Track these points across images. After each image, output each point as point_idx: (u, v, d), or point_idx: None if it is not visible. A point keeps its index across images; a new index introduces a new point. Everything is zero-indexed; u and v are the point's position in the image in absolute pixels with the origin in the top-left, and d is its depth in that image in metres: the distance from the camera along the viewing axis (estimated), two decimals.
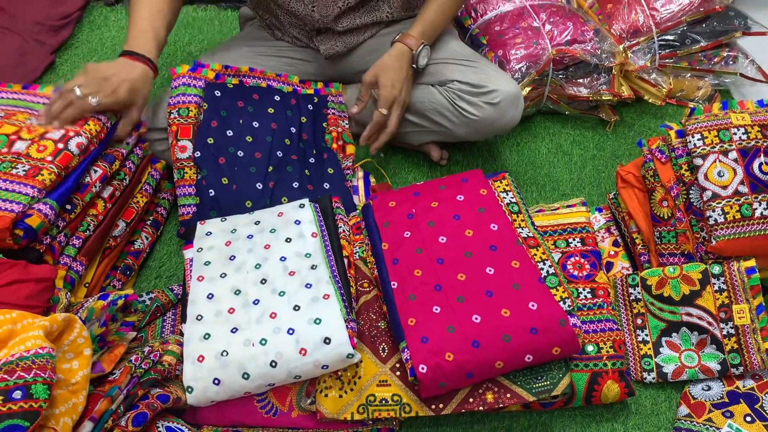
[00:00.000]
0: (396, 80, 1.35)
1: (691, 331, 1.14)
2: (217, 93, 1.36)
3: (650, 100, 1.67)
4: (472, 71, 1.38)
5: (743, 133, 1.13)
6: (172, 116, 1.31)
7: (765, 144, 1.12)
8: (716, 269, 1.12)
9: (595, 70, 1.63)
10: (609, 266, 1.29)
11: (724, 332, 1.11)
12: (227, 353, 1.02)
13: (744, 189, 1.11)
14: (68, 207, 1.09)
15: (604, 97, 1.62)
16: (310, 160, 1.40)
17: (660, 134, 1.24)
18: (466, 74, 1.37)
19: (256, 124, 1.36)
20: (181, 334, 1.08)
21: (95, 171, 1.15)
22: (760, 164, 1.11)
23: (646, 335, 1.16)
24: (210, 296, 1.11)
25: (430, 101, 1.40)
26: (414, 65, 1.38)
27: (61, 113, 1.16)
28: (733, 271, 1.11)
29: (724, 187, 1.12)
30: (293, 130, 1.40)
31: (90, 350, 0.89)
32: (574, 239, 1.26)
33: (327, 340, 1.02)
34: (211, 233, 1.21)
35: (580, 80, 1.64)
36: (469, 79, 1.36)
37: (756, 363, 1.09)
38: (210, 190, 1.28)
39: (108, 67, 1.21)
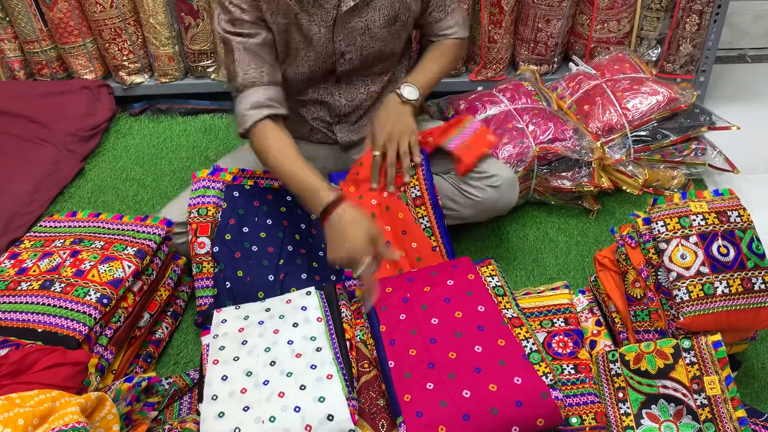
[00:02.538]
0: (385, 120, 1.50)
1: (668, 403, 1.22)
2: (236, 194, 1.52)
3: (628, 190, 1.82)
4: None
5: (702, 220, 1.26)
6: (192, 215, 1.46)
7: (722, 229, 1.25)
8: (686, 344, 1.22)
9: (576, 164, 1.78)
10: (593, 344, 1.39)
11: (698, 403, 1.19)
12: (240, 430, 1.12)
13: (705, 269, 1.23)
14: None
15: (586, 188, 1.76)
16: (318, 254, 1.54)
17: (630, 222, 1.37)
18: None
19: (269, 222, 1.51)
20: (198, 413, 1.18)
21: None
22: (719, 247, 1.24)
23: (628, 408, 1.25)
24: (224, 378, 1.22)
25: (439, 188, 1.54)
26: (402, 100, 1.51)
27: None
28: (702, 345, 1.21)
29: (687, 269, 1.23)
30: (303, 226, 1.55)
31: (118, 426, 1.00)
32: (558, 319, 1.37)
33: (330, 417, 1.12)
34: (226, 320, 1.33)
35: (564, 173, 1.78)
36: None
37: (729, 431, 1.17)
38: (227, 283, 1.41)
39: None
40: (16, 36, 2.20)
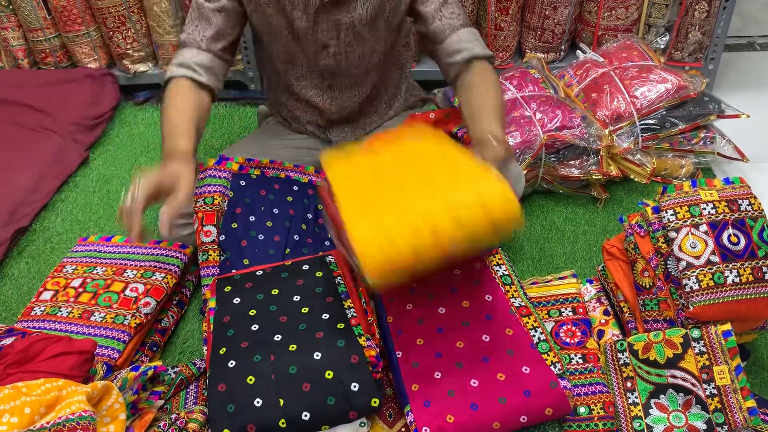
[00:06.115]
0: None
1: (677, 393, 1.21)
2: (242, 183, 1.51)
3: (636, 179, 1.80)
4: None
5: (712, 208, 1.25)
6: (198, 204, 1.45)
7: (732, 217, 1.24)
8: (696, 333, 1.21)
9: (584, 152, 1.76)
10: (601, 334, 1.38)
11: (708, 393, 1.19)
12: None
13: (715, 258, 1.22)
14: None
15: (594, 177, 1.75)
16: (325, 243, 1.53)
17: (639, 210, 1.36)
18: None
19: (276, 211, 1.50)
20: (205, 403, 1.18)
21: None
22: (729, 236, 1.23)
23: (636, 398, 1.24)
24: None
25: None
26: None
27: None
28: (711, 334, 1.20)
29: (697, 257, 1.22)
30: (309, 216, 1.54)
31: (125, 415, 0.99)
32: (565, 309, 1.36)
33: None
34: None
35: (572, 162, 1.77)
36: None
37: (739, 421, 1.16)
38: (232, 271, 1.41)
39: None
40: (20, 24, 2.19)
